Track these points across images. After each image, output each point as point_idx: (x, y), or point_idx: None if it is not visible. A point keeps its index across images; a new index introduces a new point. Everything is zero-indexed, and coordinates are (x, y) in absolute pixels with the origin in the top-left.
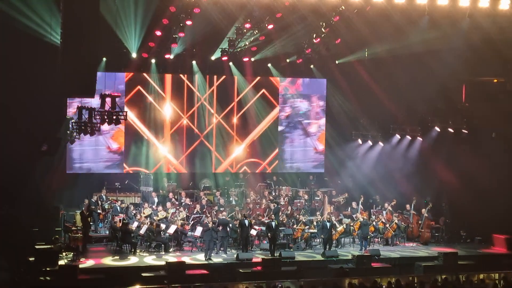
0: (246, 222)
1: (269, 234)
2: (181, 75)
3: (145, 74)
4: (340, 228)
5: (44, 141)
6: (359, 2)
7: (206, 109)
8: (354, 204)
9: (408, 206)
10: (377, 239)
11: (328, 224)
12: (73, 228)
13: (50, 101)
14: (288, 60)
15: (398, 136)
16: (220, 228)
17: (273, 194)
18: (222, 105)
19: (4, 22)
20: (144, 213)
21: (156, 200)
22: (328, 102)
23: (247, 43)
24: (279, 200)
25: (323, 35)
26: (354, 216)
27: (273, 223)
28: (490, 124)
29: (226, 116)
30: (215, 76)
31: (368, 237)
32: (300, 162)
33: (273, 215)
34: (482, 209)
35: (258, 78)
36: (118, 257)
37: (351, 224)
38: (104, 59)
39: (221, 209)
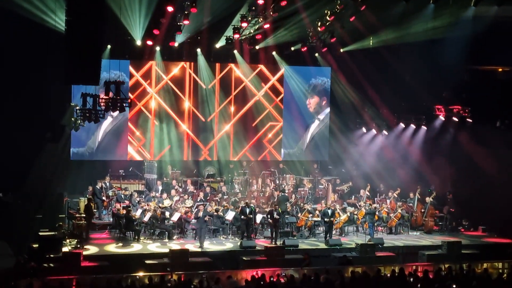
0: (247, 210)
1: (270, 221)
2: (186, 63)
3: (149, 62)
4: (343, 217)
5: (48, 128)
6: None
7: (211, 97)
8: (362, 192)
9: (411, 194)
10: (380, 228)
11: (329, 211)
12: (77, 215)
13: (55, 88)
14: (292, 48)
15: (402, 125)
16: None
17: (277, 182)
18: (226, 93)
19: (8, 9)
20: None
21: (160, 188)
22: (333, 90)
23: (251, 31)
24: (284, 188)
25: (328, 23)
26: (358, 204)
27: (275, 213)
28: (495, 113)
29: (230, 103)
30: (219, 64)
31: (375, 224)
32: (302, 150)
33: (276, 206)
34: (486, 198)
35: (263, 66)
36: (121, 244)
37: (355, 212)
38: (109, 46)
39: (225, 197)
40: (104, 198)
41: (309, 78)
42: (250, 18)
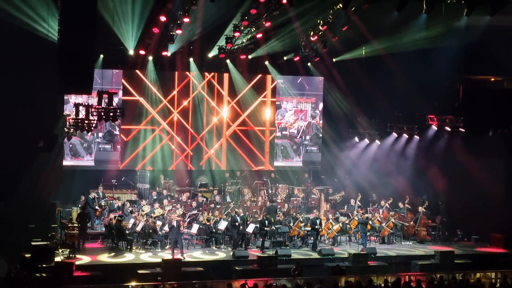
0: (238, 219)
1: (261, 230)
2: (178, 72)
3: (142, 71)
4: (336, 226)
5: (40, 137)
6: None
7: (203, 106)
8: (352, 202)
9: (401, 204)
10: (373, 237)
11: (317, 221)
12: (70, 225)
13: (47, 98)
14: (285, 58)
15: (395, 135)
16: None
17: (270, 192)
18: (218, 103)
19: (0, 18)
20: (143, 211)
21: (154, 198)
22: (325, 100)
23: (244, 41)
24: (275, 198)
25: (320, 33)
26: (350, 213)
27: (266, 221)
28: (487, 123)
29: (222, 112)
30: (212, 73)
31: (367, 234)
32: (295, 160)
33: (268, 214)
34: (479, 207)
35: (255, 75)
36: (114, 254)
37: (348, 222)
38: (101, 56)
39: (217, 206)
40: (96, 207)
41: (301, 88)
42: (242, 28)
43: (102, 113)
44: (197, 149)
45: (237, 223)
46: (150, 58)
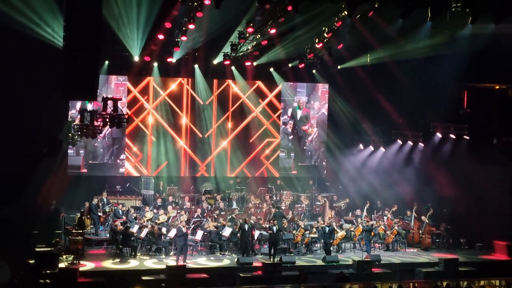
0: (246, 226)
1: (269, 232)
2: (183, 79)
3: (147, 78)
4: (341, 233)
5: (45, 143)
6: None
7: (209, 113)
8: (358, 212)
9: (409, 212)
10: (377, 245)
11: (327, 229)
12: (74, 231)
13: (52, 104)
14: (290, 65)
15: (399, 142)
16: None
17: (274, 198)
18: (223, 109)
19: (6, 24)
20: (145, 217)
21: (159, 204)
22: (330, 107)
23: (249, 48)
24: (280, 205)
25: (325, 40)
26: (355, 220)
27: (274, 228)
28: (492, 130)
29: (227, 119)
30: (217, 80)
31: (372, 241)
32: (299, 166)
33: (275, 220)
34: (483, 215)
35: (260, 82)
36: (118, 260)
37: (352, 229)
38: (107, 62)
39: (222, 213)
40: (100, 214)
41: (306, 95)
42: (248, 35)
43: (107, 119)
44: (202, 155)
45: (244, 232)
46: (155, 64)
